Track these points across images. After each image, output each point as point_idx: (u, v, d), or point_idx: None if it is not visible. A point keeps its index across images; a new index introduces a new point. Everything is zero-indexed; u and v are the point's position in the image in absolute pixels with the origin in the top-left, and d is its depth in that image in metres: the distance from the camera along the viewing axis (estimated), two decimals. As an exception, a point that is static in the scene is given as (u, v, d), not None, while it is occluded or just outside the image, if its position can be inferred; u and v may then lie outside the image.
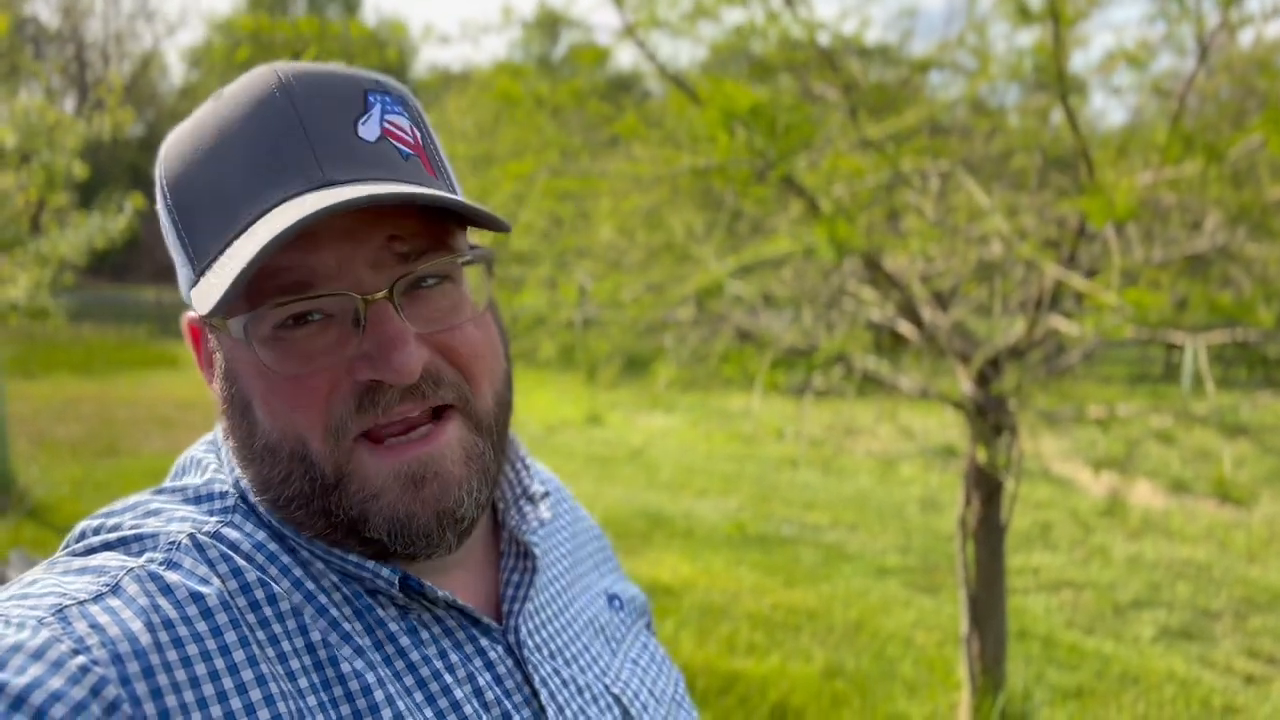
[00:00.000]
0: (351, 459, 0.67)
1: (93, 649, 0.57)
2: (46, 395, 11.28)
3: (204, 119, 0.69)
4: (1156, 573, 5.95)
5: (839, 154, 2.34)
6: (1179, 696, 4.27)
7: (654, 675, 0.88)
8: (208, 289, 0.65)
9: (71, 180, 6.89)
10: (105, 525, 0.70)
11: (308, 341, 0.66)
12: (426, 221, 0.69)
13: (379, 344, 0.66)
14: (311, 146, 0.66)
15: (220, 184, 0.66)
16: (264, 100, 0.67)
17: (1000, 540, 3.57)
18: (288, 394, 0.67)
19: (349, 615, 0.69)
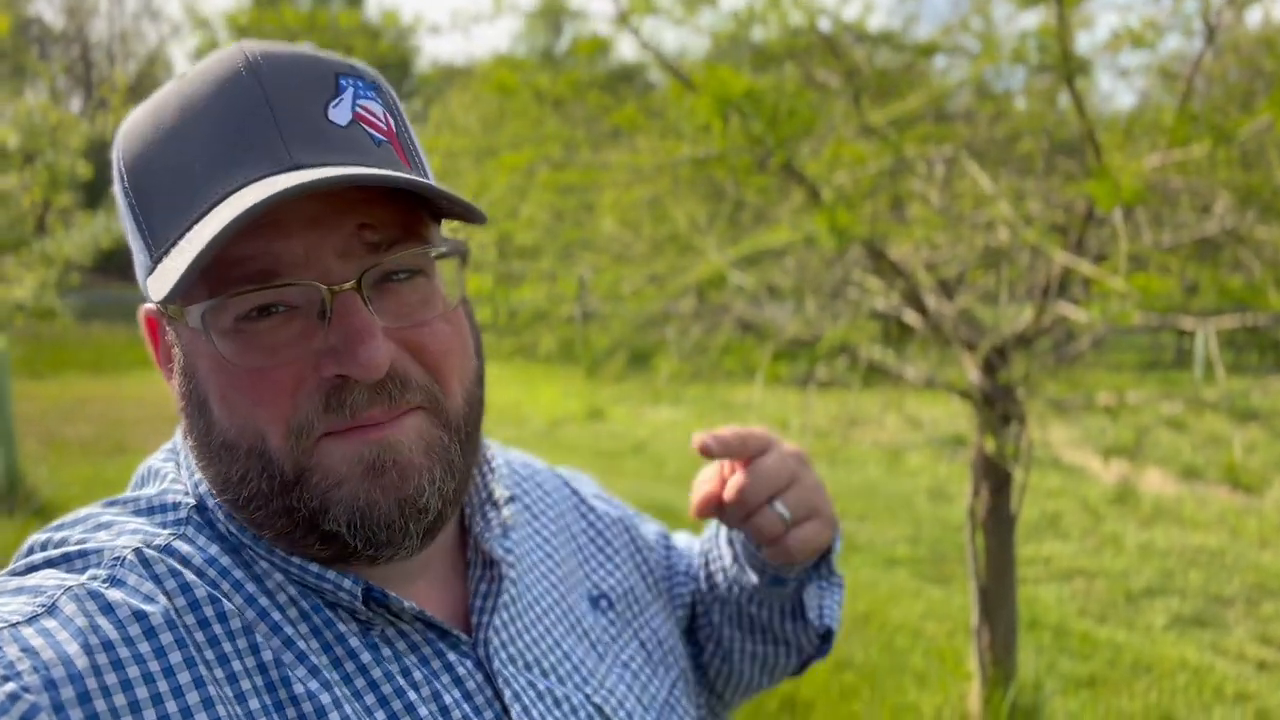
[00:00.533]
0: (314, 454, 0.64)
1: (24, 674, 0.54)
2: (55, 395, 11.32)
3: (166, 98, 0.65)
4: (1168, 560, 5.91)
5: (841, 141, 2.31)
6: (1191, 684, 4.24)
7: (646, 678, 0.85)
8: (163, 275, 0.61)
9: (76, 180, 6.90)
10: (53, 540, 0.67)
11: (271, 334, 0.63)
12: (398, 210, 0.65)
13: (345, 337, 0.62)
14: (279, 128, 0.62)
15: (180, 165, 0.63)
16: (230, 79, 0.63)
17: (1010, 530, 3.54)
18: (248, 389, 0.63)
19: (305, 633, 0.66)
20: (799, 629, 0.96)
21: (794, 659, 1.00)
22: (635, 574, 0.93)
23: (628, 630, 0.88)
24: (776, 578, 0.92)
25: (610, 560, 0.93)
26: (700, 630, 1.02)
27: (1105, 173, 1.57)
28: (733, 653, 1.00)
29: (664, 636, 0.91)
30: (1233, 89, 2.79)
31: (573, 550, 0.91)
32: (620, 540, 0.95)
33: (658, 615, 0.92)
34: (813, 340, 2.80)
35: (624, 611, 0.90)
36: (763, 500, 0.83)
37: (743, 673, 1.01)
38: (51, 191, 6.65)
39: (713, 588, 1.00)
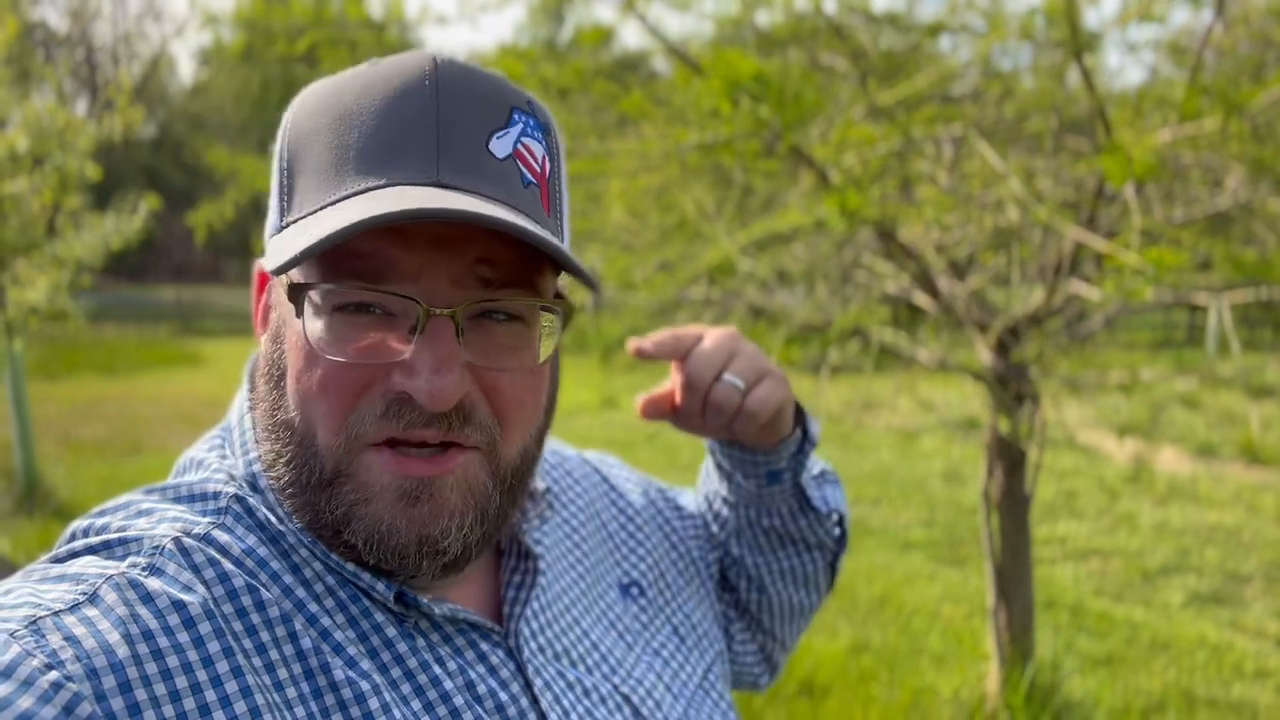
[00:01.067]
0: (355, 461, 0.65)
1: (66, 663, 0.54)
2: (70, 396, 11.39)
3: (349, 82, 0.67)
4: (1185, 538, 5.90)
5: (849, 123, 2.30)
6: (1210, 661, 4.24)
7: (678, 664, 0.86)
8: (283, 244, 0.63)
9: (84, 182, 6.93)
10: (94, 526, 0.67)
11: (361, 332, 0.64)
12: (521, 255, 0.65)
13: (426, 359, 0.63)
14: (438, 143, 0.63)
15: (337, 148, 0.64)
16: (410, 83, 0.65)
17: (1025, 511, 3.54)
18: (320, 378, 0.64)
19: (341, 623, 0.67)
20: (813, 524, 0.99)
21: (819, 560, 1.02)
22: (666, 559, 0.94)
23: (660, 616, 0.89)
24: (771, 473, 0.94)
25: (641, 546, 0.94)
26: (729, 572, 1.03)
27: (1117, 147, 1.56)
28: (763, 579, 1.01)
29: (697, 620, 0.92)
30: (1243, 62, 2.76)
31: (603, 538, 0.92)
32: (651, 526, 0.96)
33: (691, 599, 0.93)
34: (824, 325, 2.80)
35: (655, 598, 0.90)
36: (710, 378, 0.85)
37: (780, 595, 1.02)
38: (61, 194, 6.68)
39: (723, 524, 1.02)
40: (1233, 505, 6.55)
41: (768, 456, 0.93)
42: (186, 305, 23.42)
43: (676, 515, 1.00)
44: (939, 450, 8.22)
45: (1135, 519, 6.28)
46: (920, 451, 8.24)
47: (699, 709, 0.84)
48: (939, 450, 8.22)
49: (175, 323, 21.80)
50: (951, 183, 2.84)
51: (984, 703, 3.62)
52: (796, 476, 0.95)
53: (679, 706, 0.82)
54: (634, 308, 2.80)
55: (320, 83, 0.69)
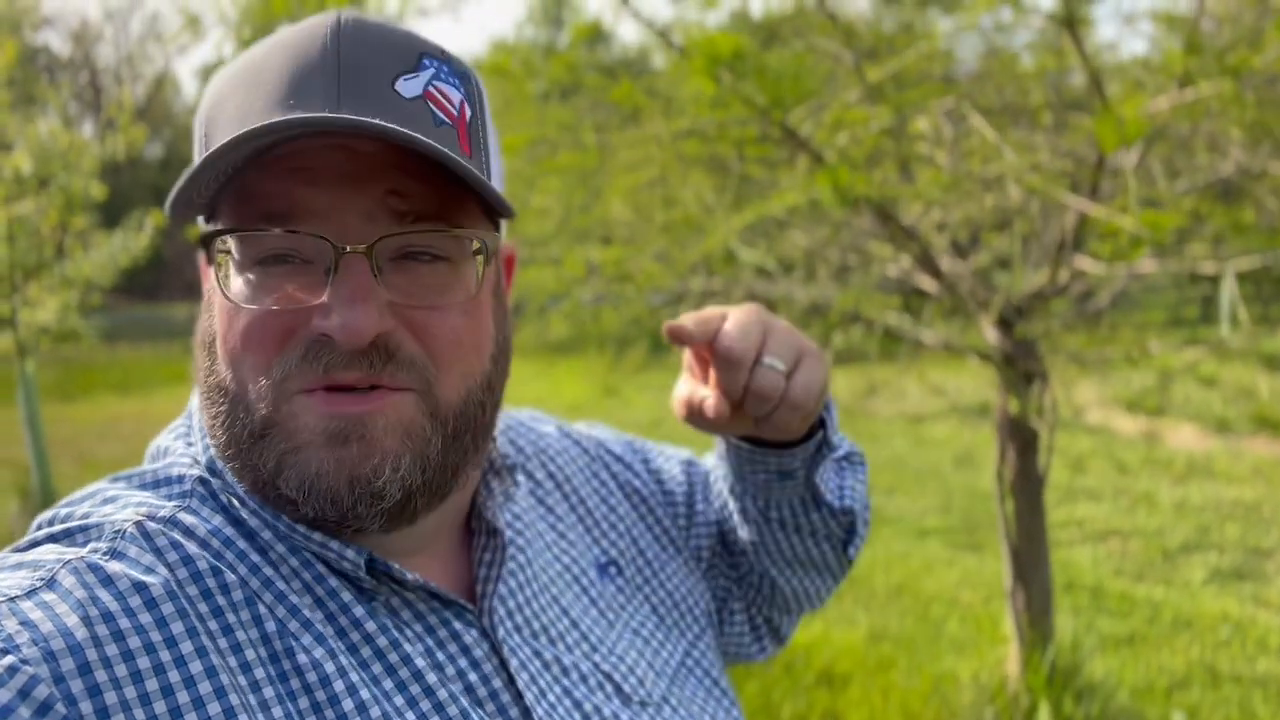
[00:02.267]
0: (283, 409, 0.63)
1: (22, 647, 0.54)
2: (86, 416, 11.46)
3: (252, 51, 0.67)
4: (1204, 515, 5.85)
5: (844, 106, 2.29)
6: (1234, 637, 4.20)
7: (657, 644, 0.84)
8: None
9: (90, 202, 6.97)
10: (59, 515, 0.66)
11: (278, 281, 0.63)
12: (435, 187, 0.64)
13: (340, 297, 0.61)
14: (339, 84, 0.62)
15: (244, 105, 0.63)
16: (311, 39, 0.64)
17: (1039, 490, 3.51)
18: (243, 331, 0.64)
19: (309, 604, 0.65)
20: (824, 518, 0.92)
21: (830, 549, 0.95)
22: (645, 536, 0.92)
23: (638, 596, 0.87)
24: (783, 472, 0.87)
25: (621, 523, 0.91)
26: (733, 548, 0.98)
27: (1109, 111, 1.54)
28: (767, 565, 0.95)
29: (680, 598, 0.90)
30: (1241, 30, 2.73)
31: (581, 515, 0.90)
32: (627, 504, 0.93)
33: (672, 577, 0.91)
34: (826, 308, 2.78)
35: (634, 577, 0.88)
36: (750, 361, 0.77)
37: (789, 581, 0.97)
38: (67, 214, 6.73)
39: (723, 505, 0.97)
40: (1252, 480, 6.49)
41: (780, 457, 0.86)
42: (199, 322, 23.51)
43: (658, 484, 0.96)
44: (951, 437, 8.18)
45: (1154, 498, 6.23)
46: (933, 439, 8.20)
47: (682, 687, 0.82)
48: (951, 437, 8.18)
49: (189, 340, 21.88)
50: (951, 162, 2.82)
51: (1005, 685, 3.59)
52: (810, 473, 0.88)
53: (662, 684, 0.81)
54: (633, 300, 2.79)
55: (229, 64, 0.69)
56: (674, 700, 0.80)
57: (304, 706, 0.61)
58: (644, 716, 0.77)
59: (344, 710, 0.62)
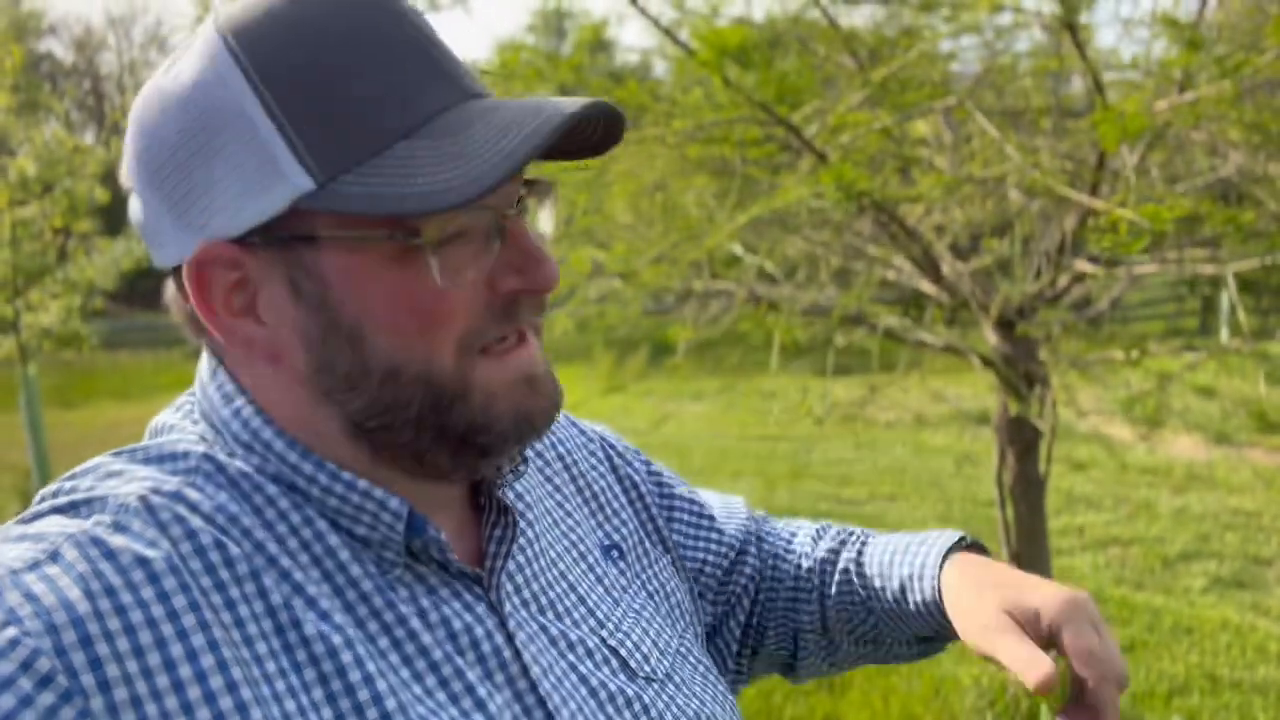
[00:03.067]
0: (471, 374, 0.67)
1: (25, 620, 0.54)
2: (87, 422, 11.47)
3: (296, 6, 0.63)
4: (1204, 524, 5.85)
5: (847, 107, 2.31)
6: (1234, 644, 4.20)
7: (657, 627, 0.84)
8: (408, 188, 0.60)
9: (94, 206, 7.00)
10: (62, 489, 0.66)
11: (457, 256, 0.64)
12: None
13: (526, 256, 0.67)
14: (437, 50, 0.66)
15: (351, 78, 0.62)
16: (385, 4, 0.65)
17: (1040, 494, 3.52)
18: (430, 311, 0.64)
19: (316, 578, 0.65)
20: (907, 646, 0.95)
21: (878, 658, 0.98)
22: (640, 531, 0.93)
23: (637, 581, 0.88)
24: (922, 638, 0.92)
25: (623, 510, 0.93)
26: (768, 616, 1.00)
27: (1109, 109, 1.56)
28: (807, 644, 0.99)
29: (671, 590, 0.91)
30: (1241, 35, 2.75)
31: (586, 498, 0.91)
32: (625, 497, 0.94)
33: (664, 570, 0.92)
34: (827, 310, 2.79)
35: (634, 563, 0.89)
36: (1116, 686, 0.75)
37: (811, 661, 1.00)
38: (71, 218, 6.74)
39: (825, 596, 0.97)
40: (1251, 489, 6.49)
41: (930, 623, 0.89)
42: (199, 330, 23.47)
43: (656, 486, 0.98)
44: (951, 444, 8.18)
45: (1153, 507, 6.23)
46: (932, 446, 8.20)
47: (680, 669, 0.83)
48: (951, 444, 8.18)
49: (190, 346, 21.84)
50: (951, 166, 2.84)
51: (1005, 690, 3.59)
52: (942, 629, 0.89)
53: (665, 662, 0.81)
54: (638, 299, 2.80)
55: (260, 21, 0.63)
56: (677, 678, 0.81)
57: (310, 678, 0.61)
58: (649, 691, 0.77)
59: (351, 682, 0.62)
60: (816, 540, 1.02)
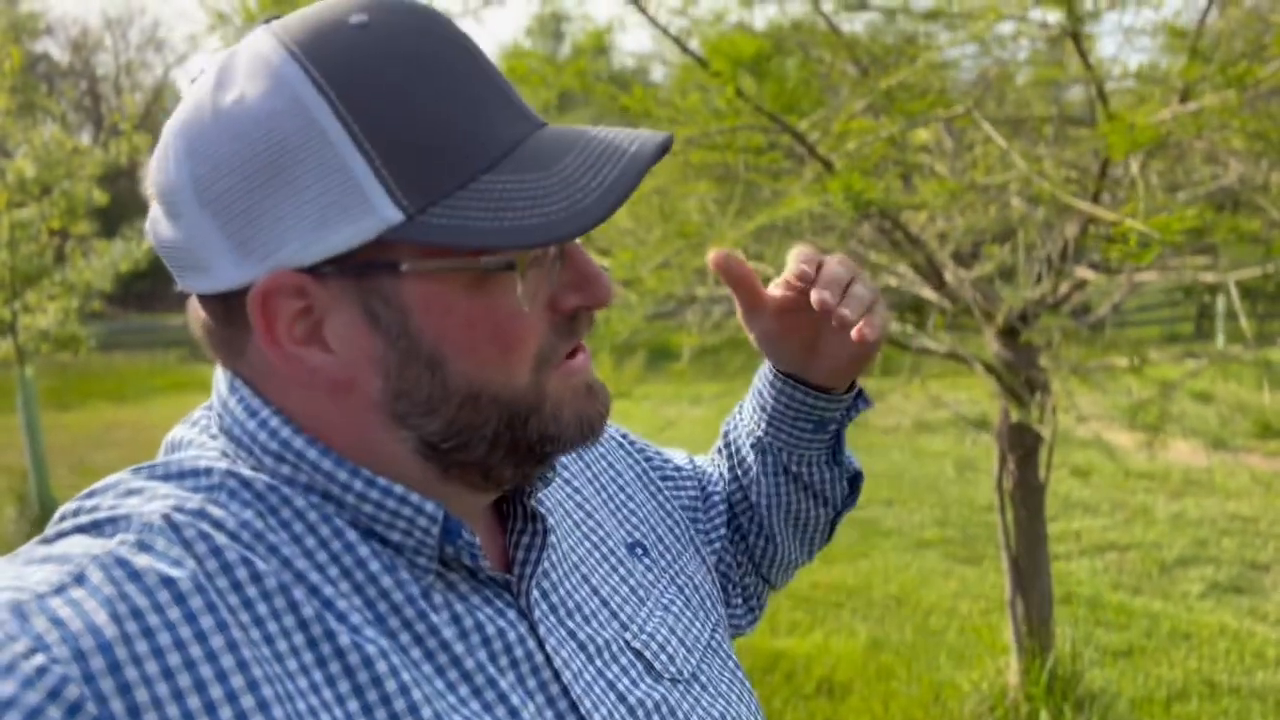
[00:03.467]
0: (541, 388, 0.69)
1: (52, 646, 0.53)
2: (83, 424, 11.43)
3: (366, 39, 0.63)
4: (1201, 529, 5.86)
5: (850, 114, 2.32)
6: (1232, 650, 4.21)
7: (687, 621, 0.85)
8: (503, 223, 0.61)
9: (92, 208, 6.99)
10: (83, 507, 0.65)
11: (533, 280, 0.67)
12: None
13: (584, 274, 0.69)
14: (499, 80, 0.68)
15: (432, 110, 0.63)
16: (430, 23, 0.66)
17: (1040, 500, 3.53)
18: (507, 335, 0.66)
19: (346, 590, 0.65)
20: (835, 478, 1.01)
21: (825, 516, 1.04)
22: (663, 524, 0.94)
23: (665, 576, 0.88)
24: (820, 421, 0.96)
25: (641, 509, 0.93)
26: (741, 518, 1.05)
27: (1118, 118, 1.57)
28: (773, 527, 1.03)
29: (699, 583, 0.91)
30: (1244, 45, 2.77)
31: (603, 499, 0.91)
32: (645, 493, 0.95)
33: (690, 563, 0.93)
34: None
35: (659, 558, 0.90)
36: (846, 280, 0.86)
37: (784, 545, 1.05)
38: (70, 220, 6.74)
39: (745, 470, 1.03)
40: (1248, 495, 6.51)
41: (828, 403, 0.95)
42: (195, 331, 23.42)
43: (665, 481, 0.99)
44: (950, 450, 8.19)
45: (1151, 512, 6.25)
46: (930, 451, 8.21)
47: (710, 665, 0.83)
48: (950, 450, 8.19)
49: (186, 348, 21.84)
50: (953, 174, 2.85)
51: (1005, 695, 3.60)
52: (841, 428, 0.98)
53: (693, 659, 0.82)
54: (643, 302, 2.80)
55: (338, 50, 0.63)
56: (704, 677, 0.82)
57: (345, 690, 0.61)
58: (675, 693, 0.78)
59: (387, 692, 0.62)
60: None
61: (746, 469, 1.03)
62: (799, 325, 0.92)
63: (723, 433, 1.08)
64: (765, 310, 0.92)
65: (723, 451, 1.07)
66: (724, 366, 10.38)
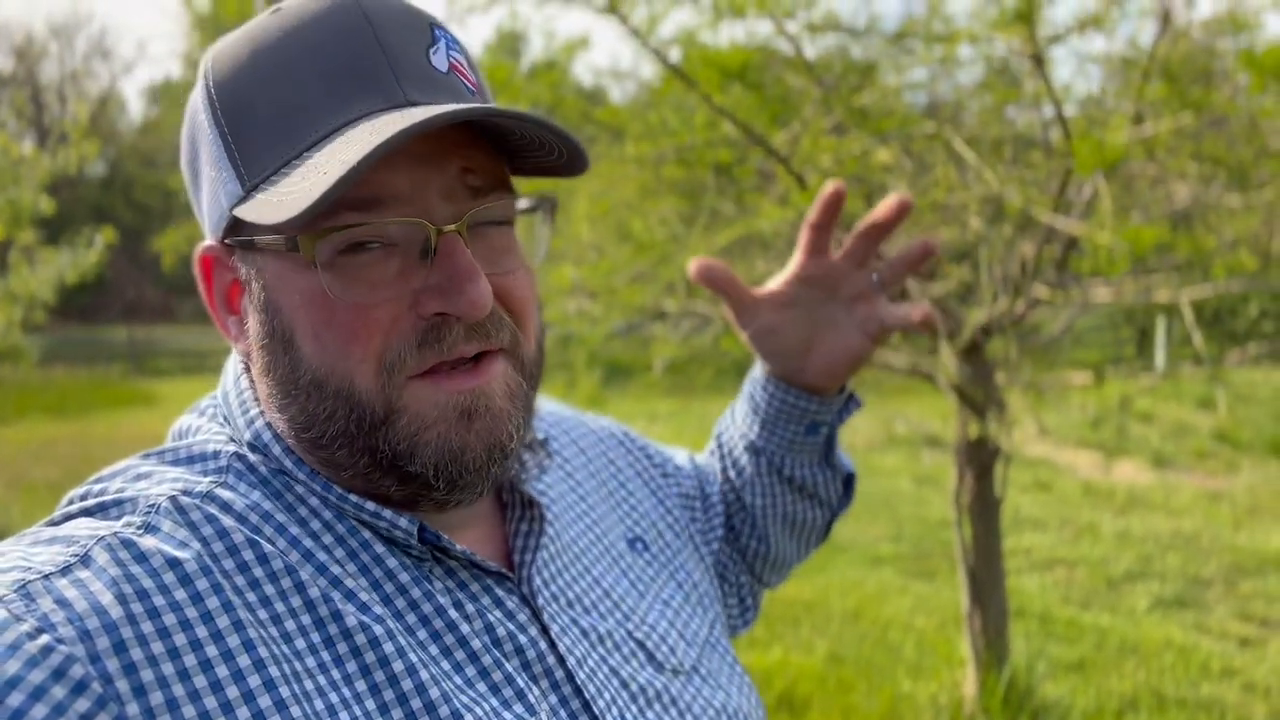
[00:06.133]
0: (403, 394, 0.65)
1: (58, 626, 0.53)
2: (22, 438, 11.09)
3: (265, 26, 0.65)
4: (1146, 546, 6.01)
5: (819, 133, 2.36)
6: (1178, 662, 4.31)
7: (687, 615, 0.86)
8: (280, 200, 0.60)
9: (38, 216, 6.82)
10: (91, 490, 0.66)
11: (371, 269, 0.63)
12: (493, 159, 0.67)
13: (451, 277, 0.63)
14: (390, 65, 0.63)
15: (288, 93, 0.63)
16: (336, 12, 0.64)
17: (995, 515, 3.59)
18: (344, 325, 0.63)
19: (352, 571, 0.66)
20: (828, 479, 1.02)
21: (821, 517, 1.05)
22: (662, 521, 0.95)
23: (665, 571, 0.89)
24: (813, 424, 0.97)
25: (641, 504, 0.94)
26: (735, 519, 1.05)
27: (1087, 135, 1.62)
28: (768, 528, 1.03)
29: (698, 580, 0.92)
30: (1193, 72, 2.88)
31: (604, 494, 0.92)
32: (645, 490, 0.96)
33: (689, 560, 0.94)
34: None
35: (659, 553, 0.91)
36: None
37: (779, 545, 1.05)
38: (14, 228, 6.57)
39: (740, 472, 1.03)
40: (1190, 513, 6.69)
41: (820, 406, 0.95)
42: (139, 345, 22.96)
43: (663, 478, 1.00)
44: (902, 467, 8.30)
45: (1097, 529, 6.39)
46: (883, 468, 8.31)
47: (709, 659, 0.84)
48: (902, 467, 8.30)
49: (127, 363, 21.34)
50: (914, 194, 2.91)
51: (961, 706, 3.64)
52: (833, 431, 0.99)
53: (693, 652, 0.83)
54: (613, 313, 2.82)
55: (229, 39, 0.67)
56: (703, 670, 0.82)
57: (353, 670, 0.61)
58: (676, 684, 0.78)
59: (394, 672, 0.62)
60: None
61: (740, 470, 1.03)
62: (796, 321, 0.93)
63: (715, 435, 1.09)
64: (759, 307, 0.93)
65: (715, 453, 1.08)
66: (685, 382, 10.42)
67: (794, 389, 0.95)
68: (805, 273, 0.92)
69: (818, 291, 0.93)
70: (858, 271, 0.91)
